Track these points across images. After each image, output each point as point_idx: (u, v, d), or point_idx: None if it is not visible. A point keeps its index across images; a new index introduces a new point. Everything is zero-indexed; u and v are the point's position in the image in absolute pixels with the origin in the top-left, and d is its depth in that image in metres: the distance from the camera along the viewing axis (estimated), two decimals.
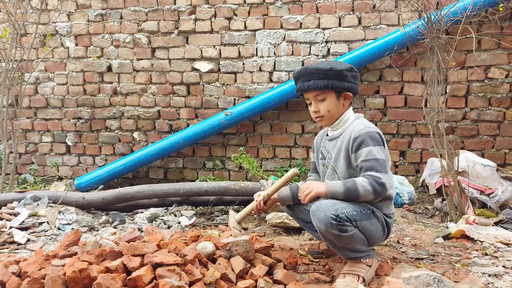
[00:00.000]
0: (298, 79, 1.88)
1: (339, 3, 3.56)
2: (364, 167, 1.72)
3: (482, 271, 1.82)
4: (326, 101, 1.85)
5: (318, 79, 1.81)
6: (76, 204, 3.09)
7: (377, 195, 1.69)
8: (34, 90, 4.14)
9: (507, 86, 3.39)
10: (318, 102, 1.86)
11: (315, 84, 1.81)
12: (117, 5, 3.92)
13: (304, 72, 1.85)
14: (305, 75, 1.84)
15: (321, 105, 1.86)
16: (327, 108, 1.85)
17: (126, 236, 1.88)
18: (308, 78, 1.83)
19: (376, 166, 1.69)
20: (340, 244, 1.72)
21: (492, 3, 3.01)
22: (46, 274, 1.49)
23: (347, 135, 1.81)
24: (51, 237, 2.60)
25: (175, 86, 3.92)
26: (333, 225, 1.64)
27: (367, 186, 1.66)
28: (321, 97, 1.85)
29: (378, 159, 1.71)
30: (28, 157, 4.25)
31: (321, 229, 1.69)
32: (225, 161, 3.94)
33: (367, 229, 1.74)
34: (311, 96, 1.87)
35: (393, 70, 3.50)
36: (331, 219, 1.64)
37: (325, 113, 1.86)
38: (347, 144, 1.80)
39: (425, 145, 3.55)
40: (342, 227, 1.65)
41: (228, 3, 3.74)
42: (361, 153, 1.73)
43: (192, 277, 1.58)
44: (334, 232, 1.66)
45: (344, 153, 1.82)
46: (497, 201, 2.89)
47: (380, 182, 1.66)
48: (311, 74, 1.83)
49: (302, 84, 1.85)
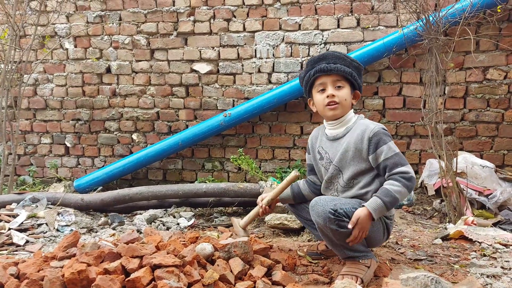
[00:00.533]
0: (321, 60, 1.84)
1: (337, 5, 3.57)
2: (389, 165, 1.73)
3: (480, 272, 1.83)
4: (344, 89, 1.84)
5: (344, 65, 1.81)
6: (75, 205, 3.09)
7: (411, 190, 1.74)
8: (33, 91, 4.14)
9: (505, 87, 3.39)
10: (336, 88, 1.83)
11: (342, 67, 1.80)
12: (116, 6, 3.92)
13: (331, 55, 1.84)
14: (331, 57, 1.83)
15: (339, 91, 1.83)
16: (345, 96, 1.83)
17: (125, 238, 1.88)
18: (334, 61, 1.82)
19: (399, 161, 1.73)
20: (338, 241, 1.72)
21: (490, 4, 3.02)
22: (44, 276, 1.49)
23: (356, 135, 1.80)
24: (50, 239, 2.60)
25: (174, 88, 3.93)
26: (331, 219, 1.65)
27: (402, 190, 1.68)
28: (341, 83, 1.84)
29: (398, 153, 1.75)
30: (27, 159, 4.25)
31: (320, 223, 1.69)
32: (224, 162, 3.94)
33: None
34: (330, 80, 1.83)
35: (391, 71, 3.51)
36: (329, 214, 1.64)
37: (342, 101, 1.83)
38: (359, 145, 1.79)
39: (424, 146, 3.56)
40: (340, 222, 1.66)
41: (227, 5, 3.74)
42: (381, 152, 1.74)
43: (190, 279, 1.59)
44: (332, 227, 1.66)
45: (353, 153, 1.81)
46: (495, 202, 2.90)
47: (409, 177, 1.70)
48: (337, 58, 1.83)
49: (327, 65, 1.81)
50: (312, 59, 1.87)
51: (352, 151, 1.81)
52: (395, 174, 1.70)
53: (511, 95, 3.40)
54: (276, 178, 3.58)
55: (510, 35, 3.33)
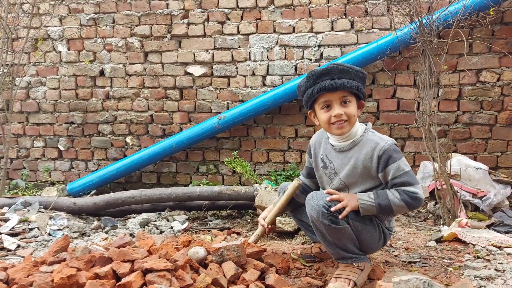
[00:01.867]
0: (324, 76, 1.68)
1: (331, 7, 3.58)
2: (397, 184, 1.68)
3: (474, 274, 1.82)
4: (351, 105, 1.71)
5: (349, 79, 1.68)
6: (68, 209, 3.06)
7: (412, 208, 1.70)
8: (25, 94, 4.11)
9: (499, 90, 3.41)
10: (342, 104, 1.71)
11: (348, 83, 1.66)
12: (110, 9, 3.91)
13: (335, 69, 1.68)
14: (335, 72, 1.67)
15: (346, 108, 1.70)
16: (353, 112, 1.71)
17: (117, 242, 1.86)
18: (339, 76, 1.67)
19: (407, 180, 1.66)
20: (330, 238, 1.70)
21: (483, 7, 3.03)
22: (33, 281, 1.47)
23: (365, 152, 1.72)
24: (42, 243, 2.57)
25: (168, 90, 3.91)
26: (324, 214, 1.63)
27: (399, 203, 1.65)
28: (347, 99, 1.70)
29: (408, 171, 1.68)
30: (19, 162, 4.22)
31: (313, 217, 1.67)
32: (218, 165, 3.93)
33: (360, 232, 1.72)
34: (336, 98, 1.70)
35: (385, 74, 3.52)
36: (323, 208, 1.63)
37: (351, 117, 1.71)
38: (368, 163, 1.71)
39: (418, 148, 3.56)
40: (333, 218, 1.64)
41: (221, 7, 3.74)
42: (389, 170, 1.67)
43: (182, 283, 1.57)
44: (324, 222, 1.64)
45: (361, 171, 1.73)
46: (489, 204, 2.91)
47: (414, 197, 1.65)
48: (342, 72, 1.68)
49: (331, 82, 1.66)
50: (314, 74, 1.71)
51: (361, 169, 1.73)
52: (400, 190, 1.67)
53: (504, 97, 3.41)
54: (270, 181, 3.57)
55: (503, 38, 3.35)
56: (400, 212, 1.71)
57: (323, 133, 1.92)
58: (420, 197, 1.66)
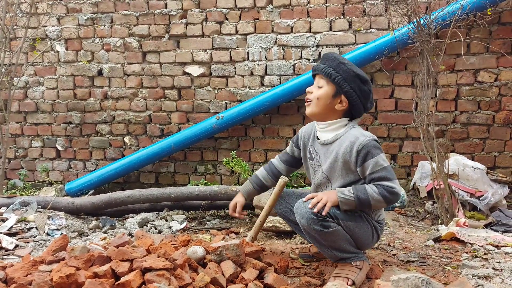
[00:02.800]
0: (320, 60, 1.89)
1: (329, 7, 3.58)
2: (375, 178, 1.70)
3: (472, 273, 1.83)
4: (321, 89, 1.82)
5: (329, 66, 1.81)
6: (66, 209, 3.06)
7: (390, 203, 1.71)
8: (23, 94, 4.11)
9: (496, 90, 3.42)
10: (317, 87, 1.84)
11: (324, 68, 1.81)
12: (108, 9, 3.90)
13: (326, 56, 1.85)
14: (324, 58, 1.85)
15: (316, 90, 1.84)
16: (318, 95, 1.82)
17: (115, 241, 1.86)
18: (324, 62, 1.84)
19: (385, 175, 1.69)
20: (325, 242, 1.71)
21: (481, 7, 3.04)
22: (32, 280, 1.47)
23: (345, 146, 1.75)
24: (40, 243, 2.57)
25: (166, 90, 3.91)
26: (314, 220, 1.64)
27: (377, 197, 1.67)
28: (322, 83, 1.82)
29: (386, 167, 1.70)
30: (17, 162, 4.21)
31: (304, 225, 1.68)
32: (216, 165, 3.93)
33: (353, 231, 1.73)
34: (316, 79, 1.87)
35: (383, 74, 3.53)
36: (312, 214, 1.64)
37: (314, 99, 1.83)
38: (347, 157, 1.74)
39: (416, 148, 3.57)
40: (324, 223, 1.65)
41: (219, 7, 3.74)
42: (368, 165, 1.70)
43: (181, 282, 1.57)
44: (316, 228, 1.65)
45: (341, 164, 1.77)
46: (487, 203, 2.92)
47: (392, 191, 1.67)
48: (328, 60, 1.83)
49: (316, 65, 1.87)
50: None
51: (341, 162, 1.77)
52: (378, 184, 1.69)
53: (501, 97, 3.42)
54: None
55: (500, 38, 3.36)
56: (378, 207, 1.71)
57: (312, 127, 1.97)
58: (397, 192, 1.68)
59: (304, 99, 1.92)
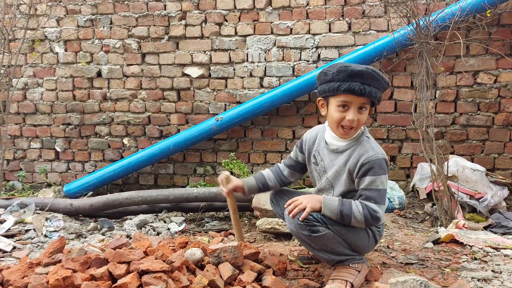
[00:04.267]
0: (357, 77, 1.63)
1: (329, 9, 3.58)
2: (364, 195, 1.68)
3: (471, 275, 1.82)
4: (365, 112, 1.71)
5: (377, 88, 1.67)
6: (64, 210, 3.05)
7: (368, 225, 1.70)
8: (22, 95, 4.10)
9: (495, 91, 3.41)
10: (359, 111, 1.69)
11: (375, 92, 1.66)
12: (107, 10, 3.90)
13: (369, 75, 1.64)
14: (368, 78, 1.64)
15: (360, 115, 1.69)
16: (364, 120, 1.72)
17: (113, 243, 1.85)
18: (369, 82, 1.64)
19: (375, 197, 1.66)
20: (316, 246, 1.70)
21: (480, 9, 3.04)
22: (28, 283, 1.46)
23: (353, 157, 1.72)
24: (38, 245, 2.56)
25: (165, 92, 3.91)
26: (301, 225, 1.63)
27: (359, 216, 1.65)
28: (366, 106, 1.70)
29: (380, 189, 1.67)
30: (16, 164, 4.20)
31: (293, 230, 1.68)
32: (216, 166, 3.92)
33: (344, 235, 1.71)
34: (357, 102, 1.67)
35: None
36: (298, 219, 1.63)
37: (360, 125, 1.72)
38: (352, 168, 1.72)
39: (415, 150, 3.56)
40: (312, 228, 1.64)
41: (218, 9, 3.74)
42: (364, 180, 1.68)
43: (179, 284, 1.56)
44: (304, 233, 1.64)
45: (346, 174, 1.75)
46: (486, 205, 2.91)
47: (375, 216, 1.65)
48: (374, 79, 1.65)
49: (362, 87, 1.62)
50: (348, 70, 1.64)
51: (346, 172, 1.75)
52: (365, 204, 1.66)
53: (501, 99, 3.42)
54: None
55: (499, 39, 3.36)
56: (357, 225, 1.68)
57: (318, 131, 1.93)
58: (380, 218, 1.66)
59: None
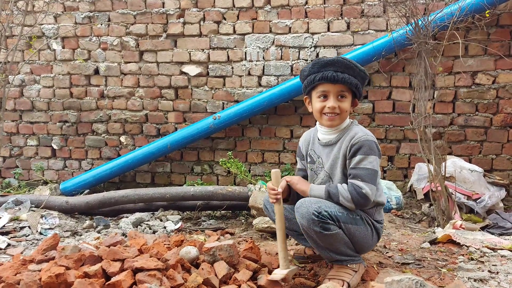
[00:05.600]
0: (329, 66, 1.73)
1: (328, 8, 3.57)
2: (352, 174, 1.69)
3: (467, 276, 1.81)
4: (346, 100, 1.76)
5: (352, 75, 1.73)
6: (59, 208, 3.03)
7: (358, 205, 1.67)
8: (19, 92, 4.08)
9: (494, 92, 3.41)
10: (339, 99, 1.76)
11: (349, 79, 1.72)
12: (105, 7, 3.88)
13: (341, 62, 1.73)
14: (340, 65, 1.72)
15: (341, 102, 1.75)
16: (346, 108, 1.76)
17: (108, 241, 1.84)
18: (342, 69, 1.72)
19: (362, 175, 1.66)
20: (323, 244, 1.69)
21: (479, 9, 3.03)
22: (21, 280, 1.44)
23: (347, 141, 1.75)
24: (33, 242, 2.54)
25: (163, 90, 3.89)
26: (315, 221, 1.61)
27: (345, 193, 1.66)
28: (344, 94, 1.76)
29: (368, 168, 1.68)
30: (12, 161, 4.18)
31: (304, 225, 1.65)
32: (213, 165, 3.90)
33: (353, 234, 1.70)
34: (334, 90, 1.74)
35: (381, 75, 3.51)
36: (313, 215, 1.61)
37: (343, 112, 1.76)
38: (344, 151, 1.75)
39: (413, 150, 3.55)
40: (324, 225, 1.62)
41: (217, 7, 3.72)
42: (353, 160, 1.70)
43: (173, 282, 1.55)
44: (316, 229, 1.62)
45: (341, 160, 1.76)
46: (483, 206, 2.90)
47: (361, 192, 1.64)
48: (346, 67, 1.73)
49: (334, 74, 1.71)
50: (320, 62, 1.75)
51: (341, 159, 1.76)
52: (351, 182, 1.67)
53: (499, 99, 3.41)
54: (265, 182, 3.55)
55: (498, 40, 3.35)
56: (347, 205, 1.66)
57: (311, 132, 1.96)
58: (367, 196, 1.64)
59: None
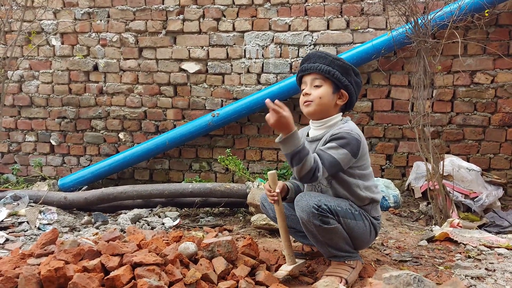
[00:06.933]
0: (306, 61, 1.84)
1: (327, 6, 3.57)
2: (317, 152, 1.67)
3: (465, 273, 1.82)
4: (321, 88, 1.79)
5: (324, 64, 1.79)
6: (58, 204, 3.03)
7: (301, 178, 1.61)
8: (18, 88, 4.07)
9: (492, 91, 3.42)
10: (313, 87, 1.80)
11: (320, 66, 1.78)
12: (105, 3, 3.88)
13: (314, 54, 1.83)
14: (313, 57, 1.82)
15: (314, 90, 1.80)
16: (320, 95, 1.78)
17: (106, 236, 1.84)
18: (314, 60, 1.81)
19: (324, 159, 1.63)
20: (322, 238, 1.69)
21: (478, 8, 3.04)
22: (20, 273, 1.44)
23: (329, 134, 1.76)
24: (31, 237, 2.54)
25: (162, 87, 3.89)
26: (315, 214, 1.62)
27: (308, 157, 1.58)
28: (318, 82, 1.80)
29: (334, 158, 1.65)
30: (10, 157, 4.17)
31: (303, 218, 1.65)
32: (211, 163, 3.91)
33: (351, 229, 1.71)
34: (309, 80, 1.81)
35: (380, 74, 3.52)
36: (313, 208, 1.61)
37: (316, 99, 1.78)
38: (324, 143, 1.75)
39: (411, 149, 3.56)
40: (324, 218, 1.63)
41: (216, 4, 3.72)
42: (326, 144, 1.71)
43: (172, 277, 1.55)
44: (315, 223, 1.63)
45: None
46: (481, 205, 2.91)
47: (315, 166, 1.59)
48: (318, 58, 1.81)
49: (306, 65, 1.82)
50: (302, 59, 1.89)
51: None
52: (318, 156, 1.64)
53: (497, 99, 3.42)
54: (263, 179, 3.55)
55: (497, 40, 3.36)
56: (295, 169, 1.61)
57: (304, 130, 1.97)
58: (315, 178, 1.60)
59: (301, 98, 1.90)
